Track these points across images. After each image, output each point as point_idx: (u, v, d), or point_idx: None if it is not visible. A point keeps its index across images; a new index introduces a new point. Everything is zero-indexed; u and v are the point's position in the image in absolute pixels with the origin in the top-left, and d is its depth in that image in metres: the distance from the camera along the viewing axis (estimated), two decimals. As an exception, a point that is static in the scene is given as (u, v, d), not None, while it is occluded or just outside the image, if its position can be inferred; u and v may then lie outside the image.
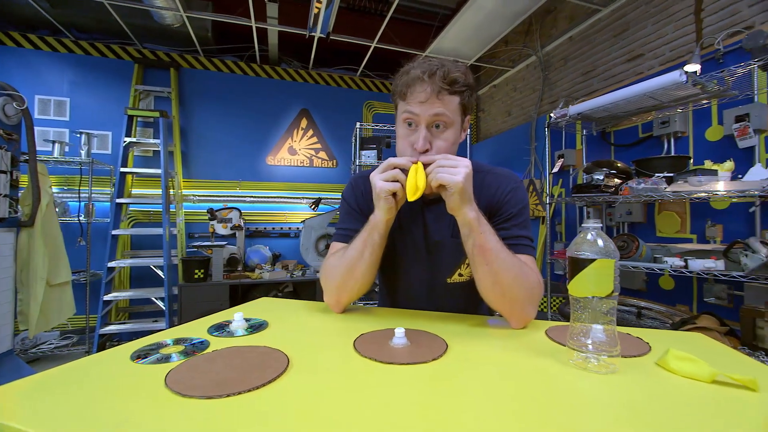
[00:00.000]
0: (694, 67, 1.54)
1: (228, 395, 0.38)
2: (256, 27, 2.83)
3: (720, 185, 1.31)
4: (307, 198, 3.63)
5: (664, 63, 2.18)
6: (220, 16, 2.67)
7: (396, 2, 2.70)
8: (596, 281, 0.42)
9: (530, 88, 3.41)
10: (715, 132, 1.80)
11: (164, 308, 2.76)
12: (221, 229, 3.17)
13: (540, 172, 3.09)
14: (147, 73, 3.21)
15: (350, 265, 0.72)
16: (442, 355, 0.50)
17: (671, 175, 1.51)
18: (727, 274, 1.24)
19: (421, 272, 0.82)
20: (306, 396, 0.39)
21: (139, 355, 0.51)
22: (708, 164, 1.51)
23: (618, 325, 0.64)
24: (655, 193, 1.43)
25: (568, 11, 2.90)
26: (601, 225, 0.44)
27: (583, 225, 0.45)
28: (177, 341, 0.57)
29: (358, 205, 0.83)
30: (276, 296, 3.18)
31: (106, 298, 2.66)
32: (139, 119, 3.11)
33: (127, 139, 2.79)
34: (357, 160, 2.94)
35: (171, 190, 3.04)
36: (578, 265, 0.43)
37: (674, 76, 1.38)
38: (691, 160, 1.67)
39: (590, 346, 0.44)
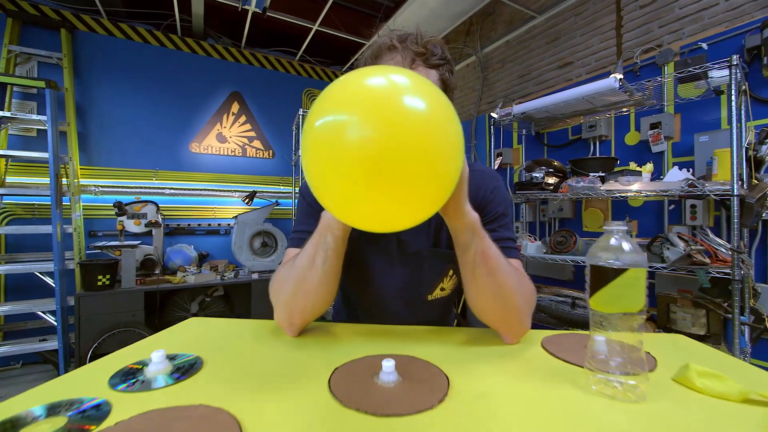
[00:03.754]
0: (618, 76, 1.68)
1: None
2: (177, -9, 2.43)
3: (648, 185, 1.45)
4: (239, 191, 3.29)
5: (591, 72, 2.38)
6: (128, -29, 2.23)
7: (340, -16, 2.54)
8: (627, 295, 0.36)
9: (470, 88, 3.51)
10: (633, 137, 2.00)
11: (56, 324, 2.26)
12: (133, 226, 2.70)
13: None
14: (27, 31, 2.57)
15: (299, 276, 0.58)
16: (447, 395, 0.40)
17: (603, 174, 1.63)
18: (652, 266, 1.37)
19: (394, 289, 0.70)
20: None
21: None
22: (632, 166, 1.66)
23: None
24: (591, 191, 1.54)
25: (507, 15, 3.03)
26: (626, 228, 0.39)
27: (605, 227, 0.39)
28: (53, 409, 0.36)
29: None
30: (204, 302, 2.83)
31: (-32, 315, 2.09)
32: (15, 89, 2.48)
33: (-2, 113, 2.20)
34: (299, 152, 2.73)
35: (64, 179, 2.50)
36: (603, 275, 0.37)
37: (609, 81, 1.49)
38: (618, 162, 1.83)
39: (615, 369, 0.39)
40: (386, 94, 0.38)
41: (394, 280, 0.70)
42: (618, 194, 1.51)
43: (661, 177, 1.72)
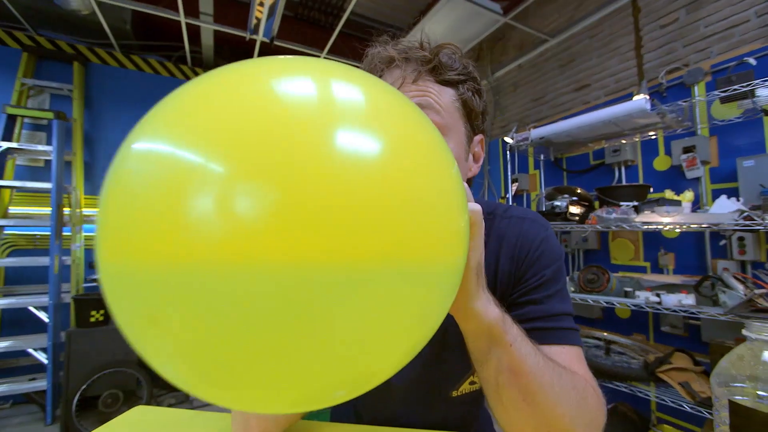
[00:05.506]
0: (647, 97, 1.55)
1: None
2: (187, 23, 2.45)
3: (692, 218, 1.28)
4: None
5: (609, 94, 2.26)
6: (139, 5, 2.26)
7: (346, 15, 2.53)
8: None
9: (481, 112, 3.43)
10: (663, 162, 1.84)
11: (46, 362, 2.14)
12: (134, 257, 2.62)
13: (494, 196, 3.06)
14: (41, 66, 2.62)
15: None
16: None
17: (636, 204, 1.47)
18: (703, 311, 1.18)
19: (405, 382, 0.51)
20: None
21: None
22: (669, 194, 1.50)
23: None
24: (625, 223, 1.37)
25: (518, 40, 2.98)
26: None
27: (746, 333, 0.25)
28: None
29: None
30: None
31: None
32: (26, 121, 2.50)
33: (4, 144, 2.19)
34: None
35: (67, 209, 2.45)
36: (752, 419, 0.22)
37: (639, 103, 1.36)
38: (651, 189, 1.67)
39: None
40: (279, 128, 0.19)
41: (405, 371, 0.53)
42: (656, 227, 1.35)
43: (701, 206, 1.55)
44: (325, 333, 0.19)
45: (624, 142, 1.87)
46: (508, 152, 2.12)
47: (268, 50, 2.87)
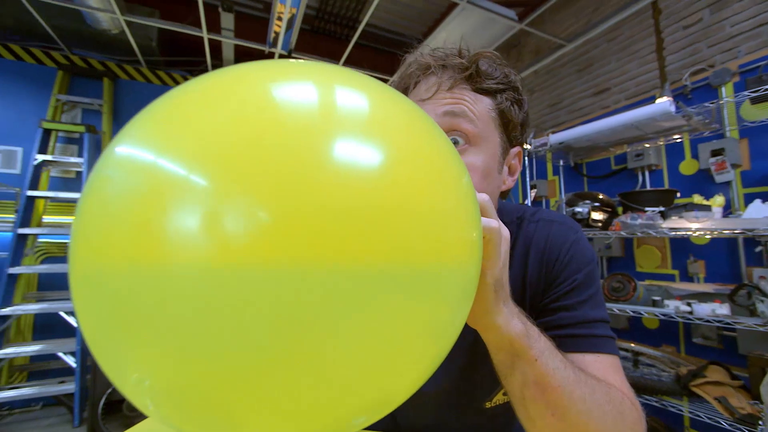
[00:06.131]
0: (671, 100, 1.50)
1: None
2: (209, 39, 2.55)
3: (723, 223, 1.23)
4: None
5: (630, 98, 2.21)
6: (164, 23, 2.37)
7: (361, 27, 2.58)
8: None
9: (497, 118, 3.41)
10: (690, 166, 1.78)
11: (74, 366, 2.21)
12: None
13: (512, 203, 3.02)
14: (75, 82, 2.77)
15: None
16: None
17: (663, 209, 1.42)
18: (739, 321, 1.12)
19: (442, 391, 0.49)
20: None
21: None
22: (697, 199, 1.44)
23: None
24: (651, 229, 1.32)
25: (533, 46, 2.96)
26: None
27: None
28: None
29: None
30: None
31: (-8, 356, 2.08)
32: (60, 134, 2.63)
33: (40, 157, 2.31)
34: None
35: (95, 219, 2.55)
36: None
37: (664, 105, 1.32)
38: (678, 194, 1.61)
39: None
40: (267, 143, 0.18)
41: (438, 378, 0.52)
42: (685, 233, 1.29)
43: (733, 211, 1.48)
44: (324, 347, 0.17)
45: (647, 146, 1.82)
46: (525, 158, 2.10)
47: (286, 62, 2.96)
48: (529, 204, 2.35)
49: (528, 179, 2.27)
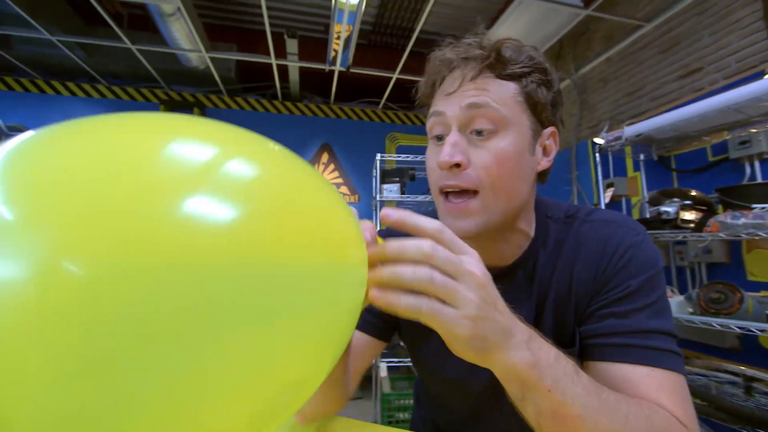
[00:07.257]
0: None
1: None
2: (277, 64, 2.81)
3: None
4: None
5: (730, 76, 1.89)
6: (240, 55, 2.67)
7: (415, 35, 2.61)
8: None
9: (566, 113, 3.15)
10: (817, 151, 1.46)
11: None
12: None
13: (585, 204, 2.76)
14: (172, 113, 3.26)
15: None
16: None
17: (777, 206, 1.18)
18: None
19: (465, 401, 0.51)
20: None
21: None
22: (827, 191, 1.17)
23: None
24: (760, 229, 1.11)
25: (605, 31, 2.70)
26: None
27: None
28: None
29: None
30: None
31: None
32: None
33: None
34: (378, 195, 2.74)
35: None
36: None
37: (773, 82, 1.11)
38: (797, 187, 1.33)
39: None
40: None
41: (466, 392, 0.51)
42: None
43: None
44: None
45: (755, 131, 1.54)
46: (597, 154, 1.91)
47: (345, 77, 3.12)
48: (604, 205, 2.13)
49: (601, 178, 2.07)
